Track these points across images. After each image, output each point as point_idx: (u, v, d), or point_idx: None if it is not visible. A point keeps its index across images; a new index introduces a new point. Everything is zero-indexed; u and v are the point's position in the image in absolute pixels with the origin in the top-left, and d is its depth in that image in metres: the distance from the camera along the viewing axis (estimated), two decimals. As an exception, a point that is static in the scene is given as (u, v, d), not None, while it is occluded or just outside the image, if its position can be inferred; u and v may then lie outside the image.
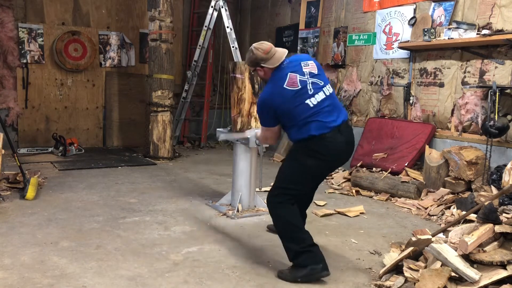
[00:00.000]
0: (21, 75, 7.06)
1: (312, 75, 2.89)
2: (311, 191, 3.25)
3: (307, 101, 2.81)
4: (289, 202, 2.89)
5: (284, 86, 2.83)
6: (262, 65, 2.92)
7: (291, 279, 2.79)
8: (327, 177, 5.88)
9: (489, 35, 4.46)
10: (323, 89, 2.87)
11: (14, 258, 2.98)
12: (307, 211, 3.33)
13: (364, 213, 4.34)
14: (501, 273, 2.42)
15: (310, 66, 2.92)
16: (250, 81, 4.10)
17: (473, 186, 4.45)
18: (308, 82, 2.85)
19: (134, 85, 7.90)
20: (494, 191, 4.02)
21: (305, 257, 2.79)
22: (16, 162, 4.60)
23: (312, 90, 2.84)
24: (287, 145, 7.23)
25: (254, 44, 2.98)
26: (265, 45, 2.94)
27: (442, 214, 4.25)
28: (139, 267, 2.92)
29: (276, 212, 2.92)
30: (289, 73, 2.86)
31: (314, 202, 4.62)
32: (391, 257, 3.02)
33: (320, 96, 2.84)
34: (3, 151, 4.40)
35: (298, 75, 2.86)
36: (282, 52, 2.94)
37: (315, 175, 2.96)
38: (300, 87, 2.83)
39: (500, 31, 4.49)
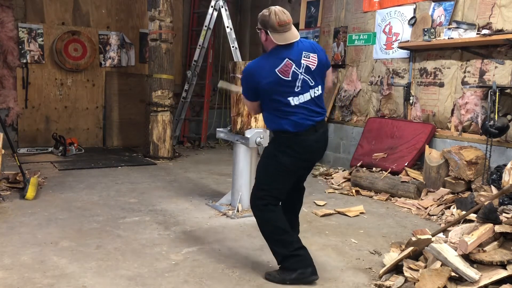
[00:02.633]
0: (21, 75, 7.05)
1: (307, 71, 2.71)
2: (294, 192, 3.06)
3: (289, 98, 2.68)
4: (273, 204, 2.82)
5: (276, 70, 2.65)
6: (268, 32, 2.67)
7: (279, 281, 2.75)
8: (327, 177, 5.89)
9: (489, 35, 4.45)
10: (311, 90, 2.73)
11: (14, 258, 2.98)
12: (307, 211, 3.31)
13: (364, 213, 4.34)
14: (501, 273, 2.43)
15: (310, 60, 2.72)
16: (250, 81, 4.08)
17: (473, 186, 4.45)
18: (299, 78, 2.69)
19: (134, 85, 7.90)
20: (494, 191, 4.02)
21: (294, 261, 2.74)
22: (16, 162, 4.60)
23: (299, 88, 2.69)
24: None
25: (278, 7, 2.70)
26: (285, 17, 2.66)
27: (442, 214, 4.25)
28: (139, 267, 2.92)
29: (261, 215, 2.83)
30: (287, 59, 2.67)
31: (314, 202, 4.63)
32: (391, 257, 3.02)
33: (304, 97, 2.71)
34: (3, 151, 4.40)
35: (294, 65, 2.67)
36: (293, 36, 2.69)
37: (291, 172, 2.83)
38: (290, 79, 2.66)
39: (500, 31, 4.49)
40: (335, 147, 6.61)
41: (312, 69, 2.73)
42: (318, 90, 2.77)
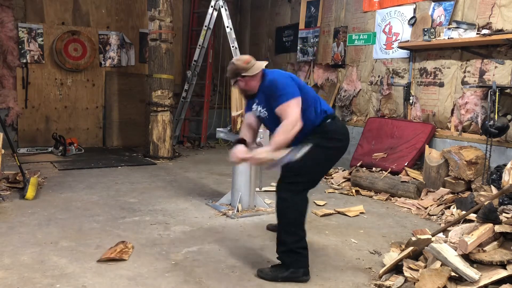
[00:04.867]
0: (21, 75, 7.06)
1: None
2: None
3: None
4: (306, 192, 2.85)
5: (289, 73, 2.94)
6: (243, 74, 2.92)
7: (270, 278, 2.78)
8: (326, 177, 5.88)
9: (489, 35, 4.46)
10: None
11: (14, 258, 2.98)
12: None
13: (364, 213, 4.34)
14: (501, 273, 2.43)
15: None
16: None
17: (473, 186, 4.45)
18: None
19: (134, 85, 7.90)
20: (494, 191, 4.02)
21: (293, 258, 2.77)
22: (16, 162, 4.60)
23: None
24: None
25: (233, 59, 3.04)
26: (245, 56, 3.01)
27: (442, 214, 4.25)
28: (139, 267, 2.92)
29: (294, 198, 2.78)
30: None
31: (314, 202, 4.63)
32: (391, 257, 3.02)
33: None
34: (3, 151, 4.40)
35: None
36: (261, 63, 2.98)
37: (335, 159, 2.94)
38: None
39: (500, 31, 4.49)
40: (335, 147, 6.60)
41: None
42: None
